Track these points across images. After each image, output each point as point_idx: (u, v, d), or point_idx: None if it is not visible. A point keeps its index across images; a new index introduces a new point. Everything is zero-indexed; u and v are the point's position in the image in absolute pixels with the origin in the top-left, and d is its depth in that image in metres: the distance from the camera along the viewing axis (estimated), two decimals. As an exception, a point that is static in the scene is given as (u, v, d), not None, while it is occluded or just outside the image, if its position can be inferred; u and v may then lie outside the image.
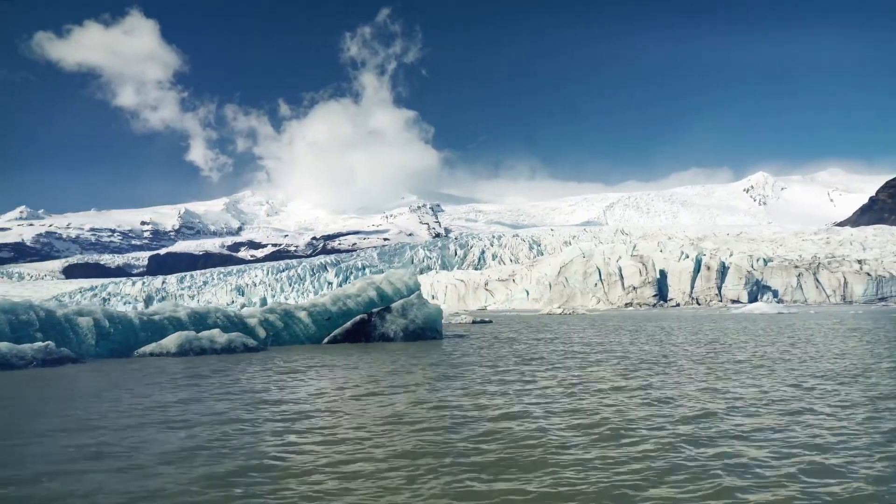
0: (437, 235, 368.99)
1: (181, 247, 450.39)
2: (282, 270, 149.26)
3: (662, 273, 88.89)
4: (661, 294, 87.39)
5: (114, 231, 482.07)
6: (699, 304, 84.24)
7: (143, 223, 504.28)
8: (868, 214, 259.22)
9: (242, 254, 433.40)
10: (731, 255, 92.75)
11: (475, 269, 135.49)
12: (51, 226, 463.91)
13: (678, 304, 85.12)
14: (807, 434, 8.04)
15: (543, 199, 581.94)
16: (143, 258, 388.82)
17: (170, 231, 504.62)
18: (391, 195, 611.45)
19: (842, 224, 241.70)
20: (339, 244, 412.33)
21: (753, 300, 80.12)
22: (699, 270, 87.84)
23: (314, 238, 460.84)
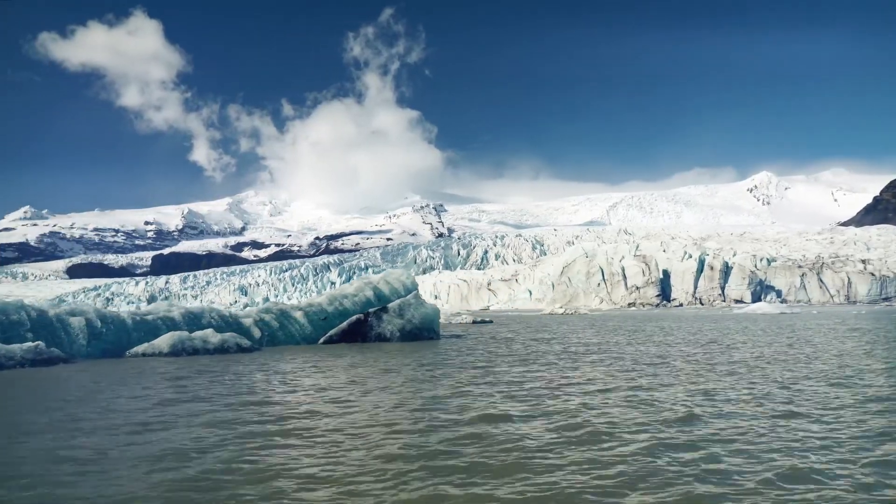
0: (441, 235, 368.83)
1: (184, 247, 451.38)
2: (285, 270, 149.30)
3: (665, 273, 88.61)
4: (665, 294, 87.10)
5: (117, 231, 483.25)
6: (702, 305, 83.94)
7: (147, 223, 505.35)
8: (872, 214, 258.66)
9: (246, 254, 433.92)
10: (735, 255, 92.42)
11: (478, 269, 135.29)
12: (55, 226, 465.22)
13: (681, 305, 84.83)
14: (790, 438, 7.81)
15: (546, 199, 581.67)
16: (147, 258, 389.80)
17: (173, 231, 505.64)
18: (394, 195, 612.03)
19: (846, 224, 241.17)
20: (343, 244, 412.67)
21: (757, 300, 79.77)
22: (702, 270, 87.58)
23: (317, 238, 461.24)
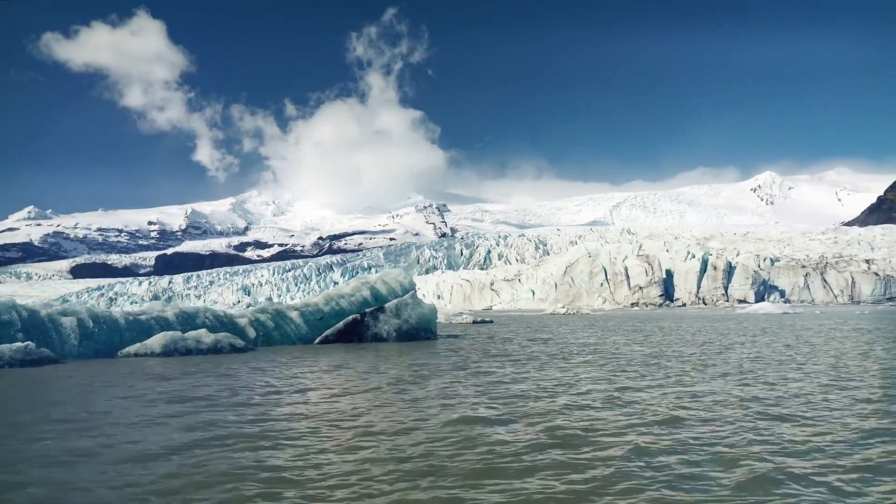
0: (443, 235, 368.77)
1: (188, 247, 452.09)
2: (288, 270, 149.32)
3: (669, 273, 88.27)
4: (668, 294, 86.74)
5: (121, 231, 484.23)
6: (705, 304, 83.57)
7: (150, 223, 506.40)
8: (876, 214, 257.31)
9: (249, 254, 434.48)
10: (738, 255, 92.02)
11: (481, 269, 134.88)
12: (58, 226, 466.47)
13: (684, 304, 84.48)
14: (773, 441, 7.56)
15: (549, 199, 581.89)
16: (150, 258, 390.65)
17: (176, 231, 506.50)
18: (397, 195, 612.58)
19: (849, 224, 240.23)
20: (346, 244, 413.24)
21: (760, 300, 79.36)
22: (705, 270, 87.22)
23: (320, 238, 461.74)
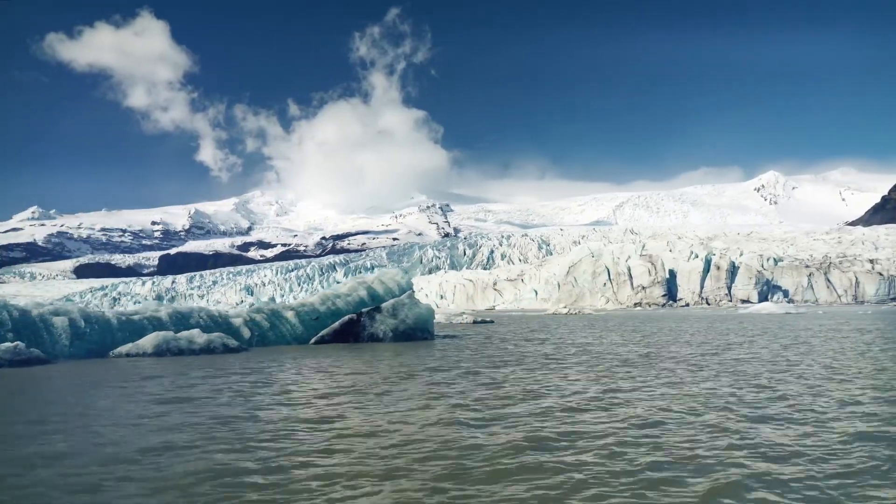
0: (447, 235, 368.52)
1: (191, 247, 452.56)
2: (291, 270, 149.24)
3: (672, 273, 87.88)
4: (671, 294, 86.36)
5: (125, 231, 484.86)
6: (709, 305, 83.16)
7: (154, 223, 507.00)
8: (880, 214, 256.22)
9: (252, 254, 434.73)
10: (742, 255, 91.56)
11: (484, 269, 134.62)
12: (62, 226, 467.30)
13: (688, 305, 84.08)
14: (753, 445, 7.18)
15: (553, 199, 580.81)
16: (154, 258, 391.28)
17: (180, 231, 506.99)
18: (400, 195, 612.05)
19: (853, 223, 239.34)
20: (349, 244, 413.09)
21: (764, 300, 78.90)
22: (709, 270, 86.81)
23: (323, 238, 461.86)
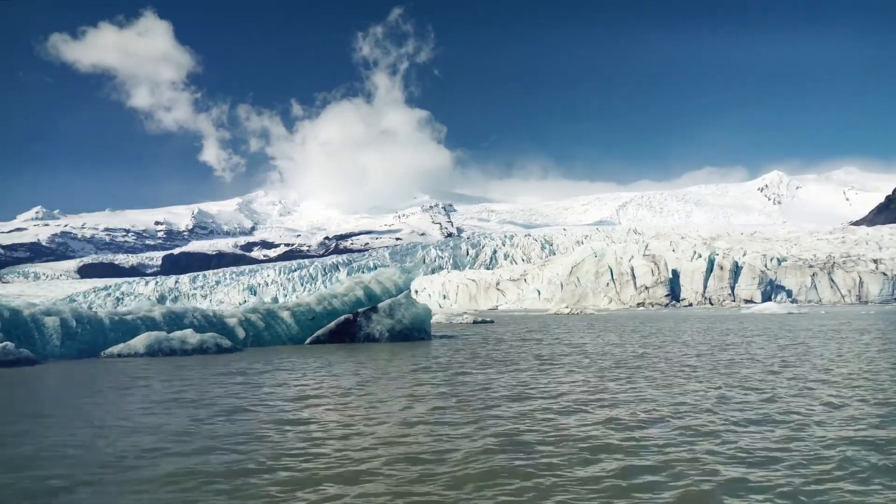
0: (450, 235, 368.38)
1: (194, 247, 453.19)
2: (294, 270, 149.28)
3: (675, 273, 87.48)
4: (674, 294, 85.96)
5: (128, 231, 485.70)
6: (712, 305, 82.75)
7: (157, 223, 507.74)
8: (884, 213, 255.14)
9: (255, 253, 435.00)
10: (745, 255, 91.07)
11: (487, 269, 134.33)
12: (66, 226, 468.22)
13: (691, 304, 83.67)
14: (728, 450, 6.88)
15: (556, 199, 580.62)
16: (157, 258, 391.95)
17: (183, 231, 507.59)
18: (403, 195, 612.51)
19: (857, 223, 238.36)
20: (352, 244, 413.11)
21: (767, 300, 78.40)
22: (712, 270, 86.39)
23: (326, 238, 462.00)
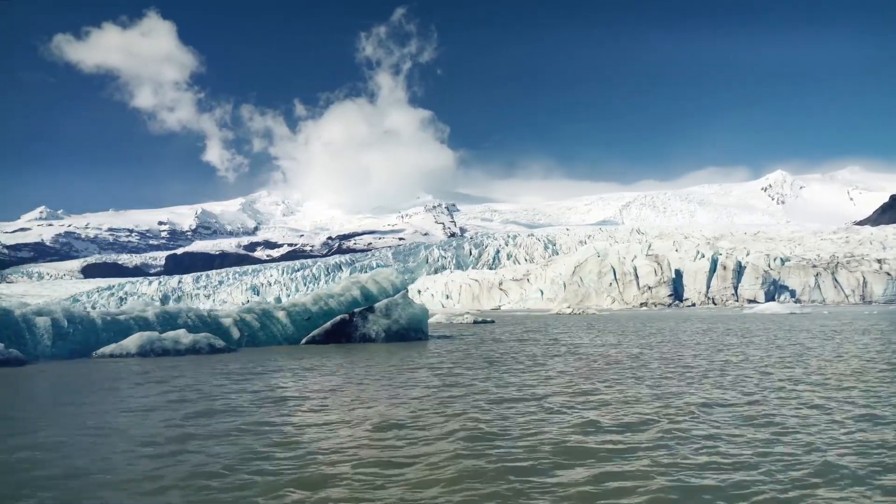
0: (453, 235, 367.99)
1: (198, 246, 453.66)
2: (297, 270, 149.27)
3: (678, 273, 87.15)
4: (677, 294, 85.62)
5: (131, 231, 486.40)
6: (715, 304, 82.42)
7: (161, 223, 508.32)
8: (888, 213, 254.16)
9: (258, 253, 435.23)
10: (748, 255, 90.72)
11: (490, 269, 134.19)
12: (70, 226, 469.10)
13: (694, 304, 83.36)
14: (703, 456, 6.60)
15: (559, 199, 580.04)
16: (161, 258, 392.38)
17: (187, 231, 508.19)
18: (406, 195, 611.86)
19: (861, 223, 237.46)
20: (355, 244, 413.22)
21: (770, 300, 78.03)
22: (715, 270, 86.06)
23: (330, 238, 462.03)
